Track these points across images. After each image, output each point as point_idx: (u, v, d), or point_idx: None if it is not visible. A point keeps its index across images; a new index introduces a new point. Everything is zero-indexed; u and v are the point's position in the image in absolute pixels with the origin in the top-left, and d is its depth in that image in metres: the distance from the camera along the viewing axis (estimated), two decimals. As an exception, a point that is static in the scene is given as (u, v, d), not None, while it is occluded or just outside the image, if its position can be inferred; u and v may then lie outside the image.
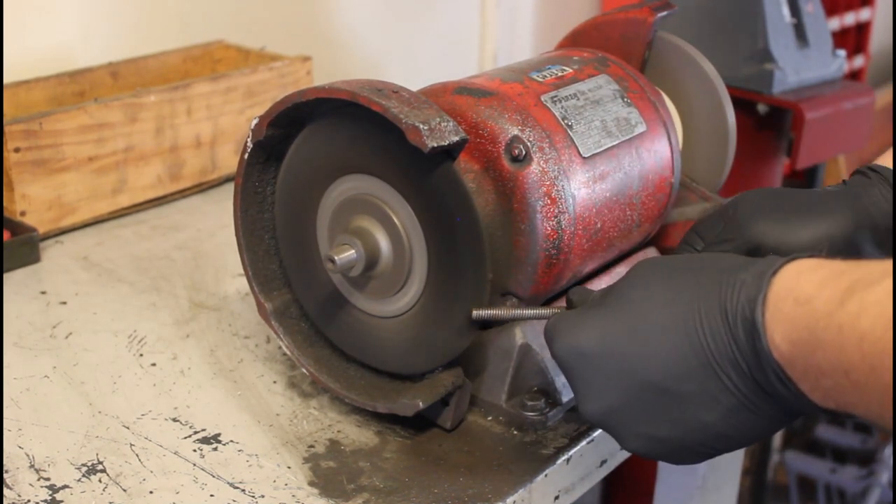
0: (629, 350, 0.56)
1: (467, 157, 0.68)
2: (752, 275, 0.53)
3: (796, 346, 0.49)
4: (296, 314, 0.79)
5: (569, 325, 0.59)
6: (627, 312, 0.57)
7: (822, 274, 0.50)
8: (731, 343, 0.52)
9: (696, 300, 0.54)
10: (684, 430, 0.55)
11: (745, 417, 0.54)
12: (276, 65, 1.24)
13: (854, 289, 0.47)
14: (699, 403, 0.54)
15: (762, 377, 0.52)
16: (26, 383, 0.80)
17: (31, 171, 1.03)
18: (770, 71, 1.61)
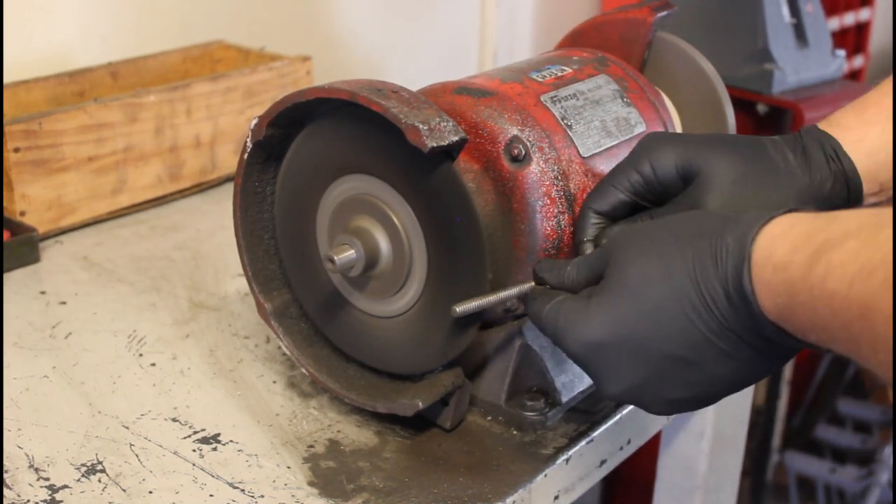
0: (641, 333, 0.58)
1: (467, 157, 0.68)
2: (735, 239, 0.55)
3: (781, 309, 0.53)
4: (296, 314, 0.79)
5: (575, 319, 0.60)
6: (630, 296, 0.58)
7: (793, 237, 0.53)
8: (730, 309, 0.55)
9: (691, 272, 0.56)
10: (703, 388, 0.59)
11: (756, 364, 0.58)
12: (275, 65, 1.24)
13: (821, 251, 0.50)
14: (713, 364, 0.57)
15: (765, 333, 0.55)
16: (26, 383, 0.80)
17: (31, 171, 1.03)
18: (770, 71, 1.61)
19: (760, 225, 0.55)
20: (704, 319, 0.56)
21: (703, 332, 0.56)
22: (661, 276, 0.57)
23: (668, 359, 0.58)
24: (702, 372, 0.58)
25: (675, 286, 0.57)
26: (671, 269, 0.57)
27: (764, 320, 0.54)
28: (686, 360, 0.58)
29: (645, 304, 0.58)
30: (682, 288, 0.57)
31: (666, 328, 0.57)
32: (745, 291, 0.54)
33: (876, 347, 0.47)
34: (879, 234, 0.48)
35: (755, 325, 0.55)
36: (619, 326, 0.58)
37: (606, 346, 0.59)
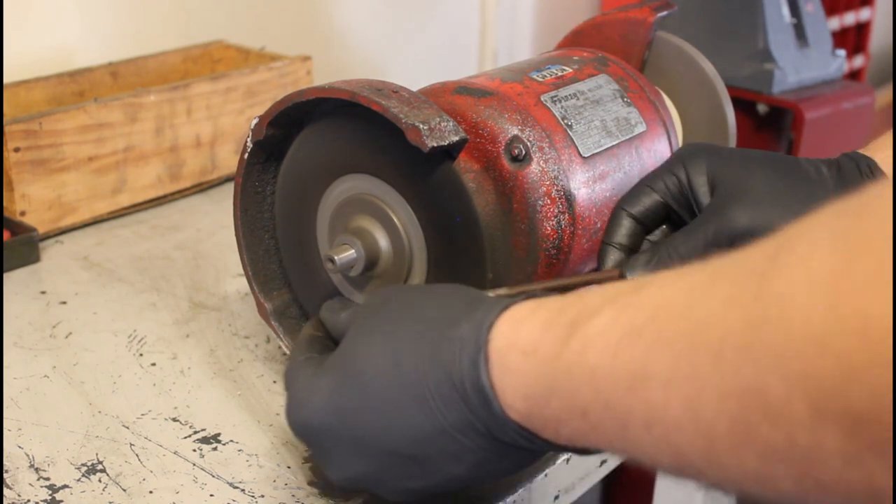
0: (362, 422, 0.52)
1: (467, 157, 0.68)
2: (471, 328, 0.49)
3: (531, 400, 0.47)
4: (296, 314, 0.79)
5: (299, 394, 0.55)
6: (354, 379, 0.53)
7: (542, 316, 0.47)
8: (463, 408, 0.49)
9: (420, 363, 0.50)
10: (437, 482, 0.53)
11: (494, 465, 0.52)
12: (276, 65, 1.24)
13: (577, 324, 0.44)
14: (444, 462, 0.51)
15: (503, 434, 0.49)
16: (26, 383, 0.80)
17: (31, 171, 1.03)
18: (770, 71, 1.62)
19: (500, 309, 0.49)
20: (434, 417, 0.50)
21: (431, 430, 0.50)
22: (389, 363, 0.52)
23: (393, 454, 0.52)
24: (434, 470, 0.52)
25: (402, 377, 0.51)
26: (399, 356, 0.51)
27: (505, 420, 0.48)
28: (414, 458, 0.52)
29: (367, 392, 0.52)
30: (410, 380, 0.50)
31: (390, 423, 0.51)
32: (482, 388, 0.48)
33: (649, 421, 0.40)
34: (639, 293, 0.43)
35: (496, 424, 0.49)
36: (339, 414, 0.53)
37: (325, 431, 0.54)
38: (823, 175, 0.65)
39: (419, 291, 0.57)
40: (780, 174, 0.64)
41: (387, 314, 0.55)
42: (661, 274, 0.44)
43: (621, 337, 0.42)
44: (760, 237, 0.61)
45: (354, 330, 0.56)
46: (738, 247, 0.62)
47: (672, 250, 0.64)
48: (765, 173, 0.64)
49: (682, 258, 0.63)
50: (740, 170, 0.64)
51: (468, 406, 0.49)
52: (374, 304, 0.57)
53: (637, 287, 0.43)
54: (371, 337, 0.54)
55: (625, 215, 0.67)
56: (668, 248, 0.64)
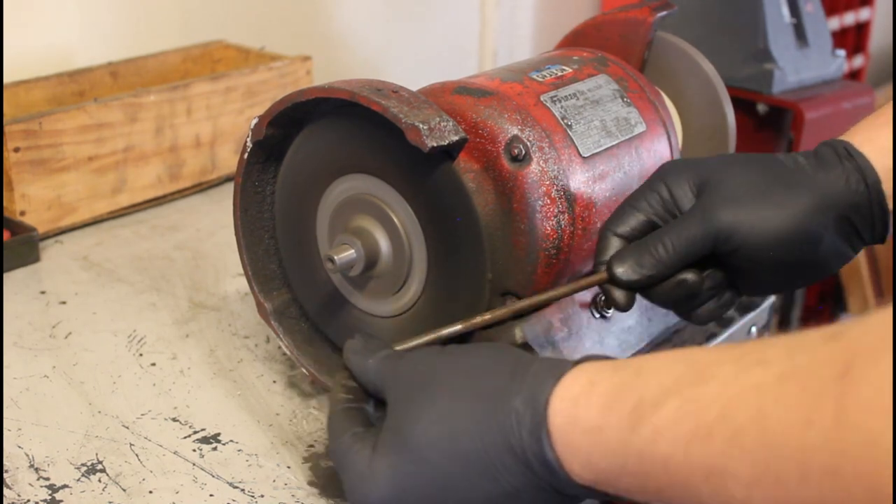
0: (427, 497, 0.54)
1: (467, 157, 0.68)
2: (525, 403, 0.51)
3: (600, 474, 0.49)
4: (296, 314, 0.79)
5: (360, 477, 0.56)
6: (413, 458, 0.54)
7: (599, 396, 0.48)
8: (528, 474, 0.51)
9: (478, 437, 0.52)
10: None
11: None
12: (276, 65, 1.24)
13: (641, 411, 0.46)
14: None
15: (569, 490, 0.51)
16: (26, 383, 0.80)
17: (31, 171, 1.03)
18: (770, 71, 1.61)
19: (552, 383, 0.50)
20: (499, 483, 0.52)
21: (497, 494, 0.52)
22: (446, 440, 0.53)
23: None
24: None
25: (461, 451, 0.52)
26: (455, 432, 0.53)
27: (573, 484, 0.50)
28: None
29: (429, 469, 0.53)
30: (470, 453, 0.52)
31: (454, 492, 0.53)
32: (547, 460, 0.50)
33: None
34: (703, 387, 0.44)
35: (562, 485, 0.51)
36: (404, 491, 0.54)
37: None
38: (801, 164, 0.66)
39: (459, 358, 0.57)
40: (758, 170, 0.65)
41: (432, 388, 0.55)
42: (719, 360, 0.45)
43: (692, 433, 0.43)
44: (741, 233, 0.62)
45: (399, 403, 0.56)
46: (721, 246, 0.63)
47: (659, 246, 0.64)
48: (743, 171, 0.65)
49: (669, 255, 0.64)
50: (720, 172, 0.65)
51: (532, 472, 0.51)
52: (413, 374, 0.57)
53: (698, 377, 0.45)
54: (422, 414, 0.54)
55: (611, 235, 0.67)
56: (653, 245, 0.64)
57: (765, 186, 0.64)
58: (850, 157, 0.66)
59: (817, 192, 0.64)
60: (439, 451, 0.53)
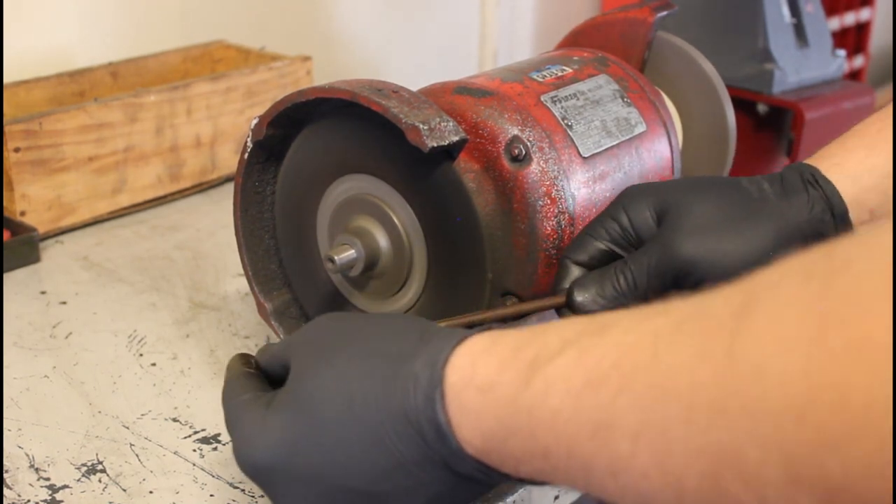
0: (317, 460, 0.51)
1: (467, 157, 0.68)
2: (425, 364, 0.48)
3: (488, 439, 0.46)
4: (296, 314, 0.79)
5: (248, 434, 0.53)
6: (307, 417, 0.51)
7: (498, 353, 0.46)
8: (419, 443, 0.48)
9: (374, 399, 0.49)
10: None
11: (450, 497, 0.51)
12: (276, 65, 1.24)
13: (537, 364, 0.43)
14: (401, 496, 0.51)
15: (460, 468, 0.48)
16: (26, 383, 0.80)
17: (31, 171, 1.03)
18: (770, 71, 1.62)
19: (455, 343, 0.48)
20: (390, 453, 0.49)
21: (388, 466, 0.49)
22: (342, 400, 0.50)
23: (349, 492, 0.51)
24: None
25: (356, 415, 0.50)
26: (353, 393, 0.50)
27: (463, 455, 0.47)
28: (370, 494, 0.51)
29: (321, 430, 0.51)
30: (364, 418, 0.49)
31: (345, 460, 0.50)
32: (439, 424, 0.47)
33: (615, 470, 0.40)
34: (602, 337, 0.42)
35: (453, 459, 0.48)
36: (292, 452, 0.51)
37: (278, 471, 0.52)
38: (765, 191, 0.64)
39: (366, 322, 0.56)
40: (720, 198, 0.63)
41: (336, 347, 0.53)
42: (622, 315, 0.43)
43: (584, 383, 0.41)
44: (703, 266, 0.61)
45: (300, 362, 0.54)
46: (683, 280, 0.61)
47: (621, 277, 0.63)
48: (705, 199, 0.63)
49: (630, 287, 0.62)
50: (681, 199, 0.64)
51: (424, 441, 0.48)
52: (319, 334, 0.56)
53: (599, 328, 0.42)
54: (321, 371, 0.52)
55: (570, 263, 0.65)
56: (615, 276, 0.63)
57: (727, 216, 0.62)
58: (815, 185, 0.64)
59: (781, 221, 0.62)
60: (333, 413, 0.50)
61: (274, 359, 0.58)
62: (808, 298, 0.34)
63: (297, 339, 0.57)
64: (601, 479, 0.41)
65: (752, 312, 0.36)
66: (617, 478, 0.40)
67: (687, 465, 0.37)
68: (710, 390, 0.36)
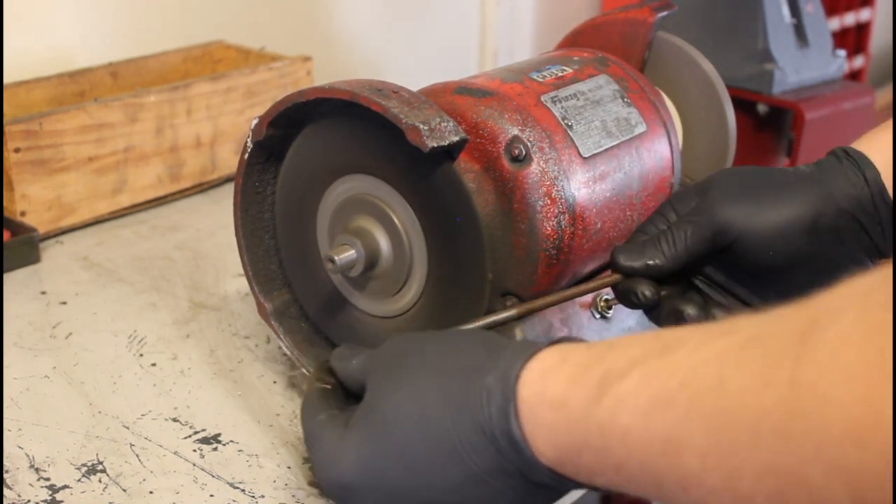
0: (393, 477, 0.53)
1: (467, 157, 0.68)
2: (497, 379, 0.50)
3: (562, 451, 0.48)
4: (296, 314, 0.79)
5: (330, 452, 0.55)
6: (383, 435, 0.53)
7: (568, 371, 0.48)
8: (495, 454, 0.50)
9: (448, 414, 0.51)
10: None
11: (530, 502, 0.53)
12: (276, 65, 1.24)
13: (606, 383, 0.45)
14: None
15: (534, 476, 0.50)
16: (26, 383, 0.80)
17: (31, 171, 1.03)
18: (770, 71, 1.62)
19: (525, 359, 0.50)
20: (466, 465, 0.51)
21: (463, 478, 0.51)
22: (416, 417, 0.52)
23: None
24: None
25: (430, 430, 0.51)
26: (426, 409, 0.52)
27: (537, 464, 0.49)
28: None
29: (398, 447, 0.52)
30: (439, 432, 0.51)
31: (421, 475, 0.52)
32: (513, 437, 0.49)
33: (686, 485, 0.42)
34: (668, 357, 0.43)
35: (528, 468, 0.49)
36: (371, 469, 0.53)
37: (357, 489, 0.54)
38: (801, 170, 0.68)
39: (439, 340, 0.57)
40: (757, 173, 0.68)
41: (409, 366, 0.55)
42: (686, 334, 0.44)
43: (653, 402, 0.43)
44: (738, 229, 0.64)
45: (376, 383, 0.56)
46: (720, 241, 0.65)
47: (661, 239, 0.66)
48: (741, 174, 0.68)
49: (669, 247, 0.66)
50: (720, 177, 0.68)
51: (499, 452, 0.50)
52: (393, 355, 0.57)
53: (665, 348, 0.44)
54: (396, 391, 0.54)
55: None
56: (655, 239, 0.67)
57: (763, 185, 0.67)
58: (847, 157, 0.68)
59: (814, 187, 0.66)
60: (409, 430, 0.52)
61: (351, 374, 0.60)
62: (869, 327, 0.35)
63: (373, 359, 0.59)
64: (672, 493, 0.43)
65: (814, 339, 0.37)
66: (688, 493, 0.42)
67: (755, 485, 0.39)
68: (775, 415, 0.37)
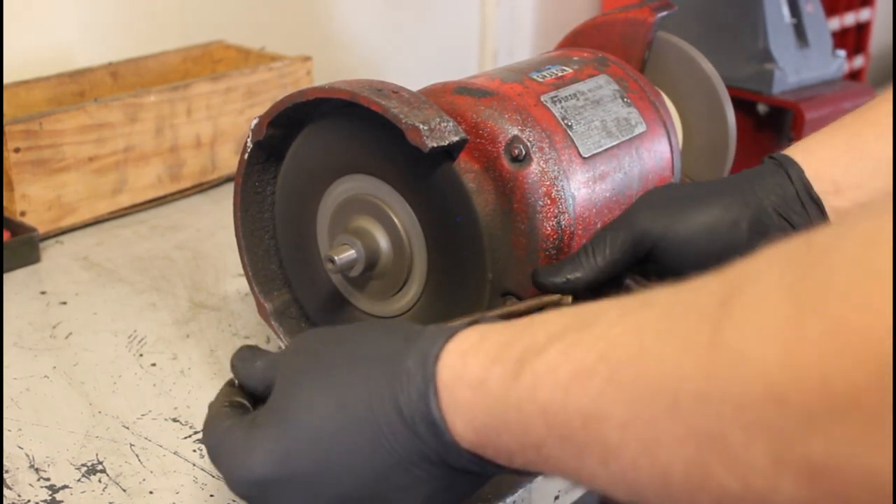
0: (311, 470, 0.51)
1: (467, 157, 0.68)
2: (415, 362, 0.49)
3: (481, 432, 0.47)
4: (296, 314, 0.79)
5: (236, 451, 0.53)
6: (297, 427, 0.51)
7: (487, 349, 0.47)
8: (415, 440, 0.49)
9: (368, 401, 0.50)
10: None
11: (447, 492, 0.52)
12: (276, 65, 1.24)
13: (525, 360, 0.44)
14: (398, 496, 0.51)
15: (457, 463, 0.49)
16: (26, 383, 0.80)
17: (31, 171, 1.03)
18: (770, 71, 1.62)
19: (444, 340, 0.49)
20: (387, 454, 0.49)
21: (384, 467, 0.49)
22: (333, 406, 0.50)
23: (347, 498, 0.51)
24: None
25: (350, 419, 0.50)
26: (344, 398, 0.50)
27: (457, 448, 0.48)
28: (368, 496, 0.51)
29: (313, 438, 0.50)
30: (359, 420, 0.49)
31: (338, 466, 0.50)
32: (433, 419, 0.47)
33: (605, 459, 0.41)
34: (587, 331, 0.43)
35: (448, 453, 0.48)
36: (284, 463, 0.51)
37: (271, 483, 0.51)
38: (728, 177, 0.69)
39: (355, 330, 0.56)
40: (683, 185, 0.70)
41: (321, 358, 0.53)
42: (607, 308, 0.44)
43: (572, 376, 0.42)
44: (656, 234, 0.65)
45: (285, 377, 0.54)
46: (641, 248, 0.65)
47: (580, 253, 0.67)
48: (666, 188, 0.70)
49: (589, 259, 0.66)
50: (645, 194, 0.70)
51: (419, 437, 0.48)
52: (304, 348, 0.55)
53: (584, 322, 0.43)
54: (309, 382, 0.52)
55: None
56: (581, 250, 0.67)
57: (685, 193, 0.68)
58: (770, 158, 0.68)
59: (738, 189, 0.66)
60: (326, 418, 0.50)
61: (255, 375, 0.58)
62: (787, 287, 0.35)
63: (282, 356, 0.57)
64: (592, 469, 0.42)
65: (733, 302, 0.36)
66: (607, 466, 0.41)
67: (673, 452, 0.38)
68: (695, 380, 0.37)
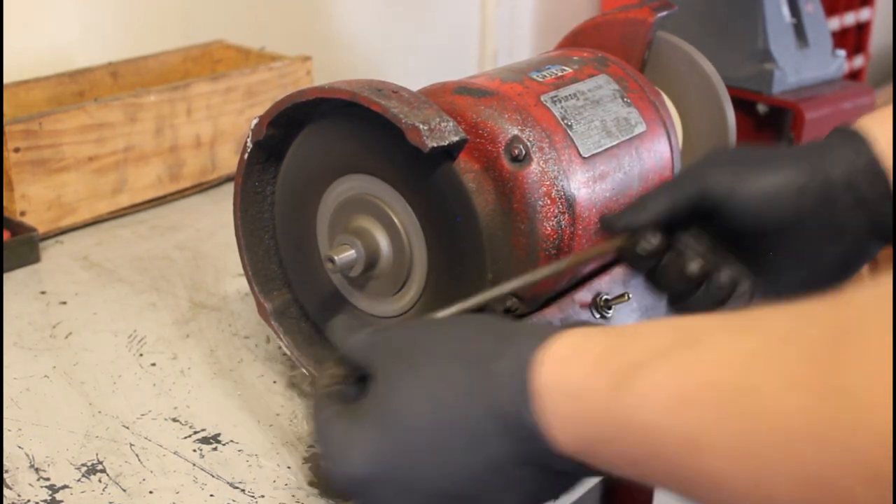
0: (408, 468, 0.51)
1: (467, 157, 0.68)
2: (509, 366, 0.48)
3: (580, 442, 0.46)
4: (296, 314, 0.79)
5: (338, 448, 0.53)
6: (394, 426, 0.51)
7: (586, 359, 0.46)
8: (511, 443, 0.48)
9: (462, 403, 0.50)
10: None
11: (543, 492, 0.52)
12: (276, 65, 1.24)
13: (628, 375, 0.44)
14: (495, 495, 0.51)
15: (554, 465, 0.49)
16: (26, 383, 0.80)
17: (31, 171, 1.03)
18: (770, 71, 1.61)
19: (539, 345, 0.48)
20: (481, 454, 0.49)
21: (479, 467, 0.49)
22: (429, 407, 0.51)
23: (444, 496, 0.51)
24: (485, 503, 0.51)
25: (444, 419, 0.50)
26: (439, 398, 0.50)
27: (555, 454, 0.47)
28: (465, 496, 0.51)
29: (410, 438, 0.51)
30: (452, 421, 0.50)
31: (436, 464, 0.50)
32: (529, 425, 0.47)
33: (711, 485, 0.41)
34: (690, 353, 0.42)
35: (546, 456, 0.48)
36: (382, 462, 0.51)
37: (373, 482, 0.52)
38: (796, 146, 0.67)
39: (448, 327, 0.56)
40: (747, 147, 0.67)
41: (417, 355, 0.54)
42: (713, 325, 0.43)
43: (674, 399, 0.41)
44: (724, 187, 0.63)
45: (383, 372, 0.54)
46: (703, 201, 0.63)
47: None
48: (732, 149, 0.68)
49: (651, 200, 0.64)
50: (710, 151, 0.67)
51: (515, 440, 0.48)
52: (400, 342, 0.56)
53: (688, 340, 0.43)
54: (404, 381, 0.52)
55: None
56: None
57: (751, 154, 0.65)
58: (838, 130, 0.66)
59: (805, 158, 0.64)
60: (421, 420, 0.51)
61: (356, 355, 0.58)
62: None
63: (380, 344, 0.57)
64: (697, 492, 0.42)
65: (851, 341, 0.36)
66: (712, 493, 0.41)
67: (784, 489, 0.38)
68: (806, 420, 0.37)
